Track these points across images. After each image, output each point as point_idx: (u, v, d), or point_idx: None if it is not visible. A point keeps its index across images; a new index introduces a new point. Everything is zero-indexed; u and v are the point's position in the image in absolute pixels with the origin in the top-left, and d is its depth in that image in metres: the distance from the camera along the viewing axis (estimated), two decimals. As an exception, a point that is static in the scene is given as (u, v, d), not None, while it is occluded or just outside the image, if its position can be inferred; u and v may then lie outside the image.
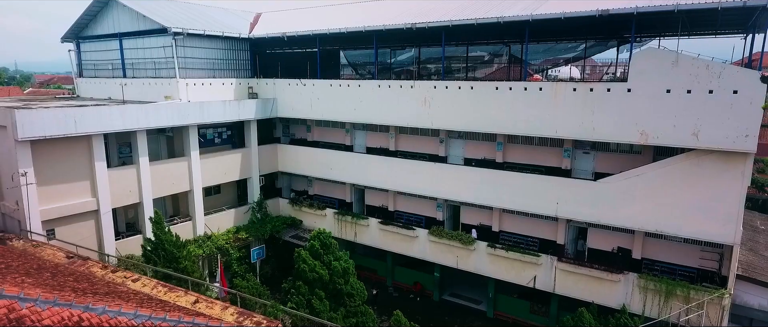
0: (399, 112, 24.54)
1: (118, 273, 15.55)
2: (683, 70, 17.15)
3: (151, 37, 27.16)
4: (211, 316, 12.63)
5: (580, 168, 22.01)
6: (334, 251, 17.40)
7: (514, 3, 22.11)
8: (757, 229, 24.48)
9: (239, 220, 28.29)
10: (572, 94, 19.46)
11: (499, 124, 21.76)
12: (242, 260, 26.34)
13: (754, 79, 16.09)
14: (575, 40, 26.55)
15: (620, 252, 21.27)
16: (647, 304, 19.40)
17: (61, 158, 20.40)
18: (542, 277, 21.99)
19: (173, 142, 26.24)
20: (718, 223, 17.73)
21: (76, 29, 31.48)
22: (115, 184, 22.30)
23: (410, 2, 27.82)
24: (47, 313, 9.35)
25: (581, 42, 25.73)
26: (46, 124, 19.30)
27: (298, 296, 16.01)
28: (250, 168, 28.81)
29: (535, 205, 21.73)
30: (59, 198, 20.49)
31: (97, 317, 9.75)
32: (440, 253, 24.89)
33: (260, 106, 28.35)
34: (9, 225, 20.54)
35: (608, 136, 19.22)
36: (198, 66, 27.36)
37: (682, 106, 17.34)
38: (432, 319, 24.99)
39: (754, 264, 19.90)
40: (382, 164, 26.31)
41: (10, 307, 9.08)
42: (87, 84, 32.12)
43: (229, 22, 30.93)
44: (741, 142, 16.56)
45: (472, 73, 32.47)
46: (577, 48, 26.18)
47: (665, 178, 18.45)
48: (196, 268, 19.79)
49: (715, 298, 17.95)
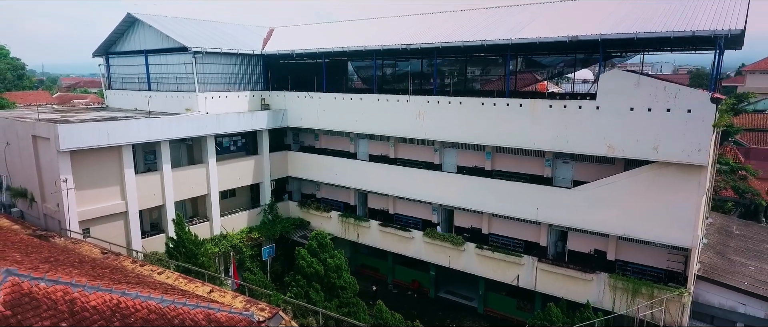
0: (396, 123, 26.83)
1: (145, 267, 18.16)
2: (644, 90, 19.08)
3: (174, 55, 29.93)
4: (223, 303, 15.08)
5: (560, 176, 23.97)
6: (329, 250, 19.80)
7: (503, 25, 24.24)
8: (731, 234, 26.11)
9: (252, 221, 30.89)
10: (548, 110, 21.51)
11: (484, 136, 23.90)
12: (254, 258, 28.89)
13: (705, 100, 17.95)
14: (566, 54, 28.51)
15: (596, 254, 23.18)
16: (617, 301, 21.32)
17: (95, 166, 23.19)
18: (525, 276, 24.03)
19: (193, 150, 28.95)
20: (677, 229, 19.59)
21: (106, 45, 34.51)
22: (142, 189, 25.04)
23: (415, 19, 30.14)
24: (93, 296, 11.85)
25: (566, 57, 27.67)
26: (83, 137, 22.11)
27: (297, 288, 18.47)
28: (263, 173, 31.40)
29: (517, 210, 23.80)
30: (94, 201, 23.29)
31: (132, 300, 12.23)
32: (434, 253, 27.08)
33: (271, 117, 30.92)
34: (50, 224, 23.40)
35: (580, 148, 21.22)
36: (215, 80, 30.05)
37: (643, 123, 19.27)
38: (427, 315, 27.18)
39: (717, 266, 21.66)
40: (381, 171, 28.62)
41: (65, 291, 11.61)
42: (115, 95, 35.13)
43: (244, 38, 33.59)
44: (695, 156, 18.43)
45: (473, 85, 34.66)
46: (561, 63, 28.13)
47: (631, 187, 20.37)
48: (212, 264, 22.37)
49: (675, 296, 19.82)
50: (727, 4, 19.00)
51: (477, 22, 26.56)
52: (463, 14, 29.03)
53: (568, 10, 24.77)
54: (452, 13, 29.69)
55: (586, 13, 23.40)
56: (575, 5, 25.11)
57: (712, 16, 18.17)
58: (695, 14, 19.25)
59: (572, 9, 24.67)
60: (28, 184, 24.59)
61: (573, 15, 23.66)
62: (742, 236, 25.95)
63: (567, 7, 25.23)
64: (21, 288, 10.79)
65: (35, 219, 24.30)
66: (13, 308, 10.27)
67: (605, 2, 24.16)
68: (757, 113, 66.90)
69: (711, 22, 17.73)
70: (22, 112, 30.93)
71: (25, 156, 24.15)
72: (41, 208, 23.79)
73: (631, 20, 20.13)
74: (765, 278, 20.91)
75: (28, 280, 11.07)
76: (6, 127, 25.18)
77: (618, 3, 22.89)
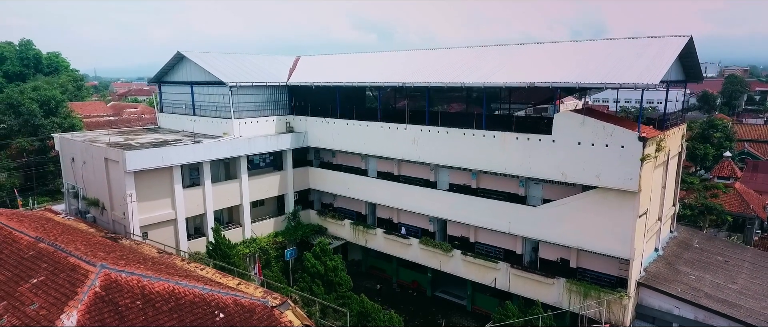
0: (396, 147, 31.67)
1: (191, 264, 23.68)
2: (588, 129, 23.20)
3: (214, 87, 35.78)
4: (247, 292, 20.31)
5: (532, 195, 28.17)
6: (329, 254, 24.83)
7: (486, 65, 28.74)
8: (689, 247, 29.53)
9: (278, 227, 36.37)
10: (515, 141, 25.86)
11: (466, 161, 28.40)
12: (279, 258, 34.28)
13: (633, 138, 21.94)
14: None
15: (562, 261, 27.24)
16: (572, 301, 25.40)
17: (152, 182, 29.09)
18: (501, 279, 28.35)
19: (229, 167, 34.65)
20: (619, 243, 23.58)
21: (159, 75, 40.91)
22: (188, 200, 30.82)
23: (418, 54, 34.95)
24: (156, 284, 17.25)
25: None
26: (144, 160, 28.03)
27: (303, 283, 23.59)
28: (287, 186, 36.85)
29: (494, 223, 28.16)
30: (150, 210, 29.20)
31: (182, 288, 17.58)
32: (428, 258, 31.73)
33: (294, 139, 36.36)
34: (117, 228, 29.46)
35: (540, 174, 25.46)
36: (248, 108, 35.70)
37: (588, 155, 23.37)
38: (422, 311, 31.86)
39: (660, 274, 25.38)
40: (385, 187, 33.50)
41: (138, 280, 17.05)
42: (166, 118, 41.45)
43: (272, 69, 39.18)
44: (628, 183, 22.42)
45: (462, 110, 39.09)
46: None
47: (582, 207, 24.47)
48: (241, 263, 27.83)
49: (616, 298, 23.79)
50: (652, 61, 22.84)
51: (466, 61, 31.01)
52: (456, 52, 33.60)
53: (538, 53, 29.05)
54: (446, 51, 34.41)
55: (551, 57, 27.58)
56: (545, 49, 29.40)
57: (639, 71, 22.09)
58: (630, 64, 23.24)
59: (541, 52, 28.96)
60: (100, 195, 30.79)
61: (540, 58, 27.96)
62: (700, 249, 29.33)
63: (538, 50, 29.53)
64: (110, 277, 16.36)
65: (105, 223, 30.45)
66: (106, 290, 15.80)
67: (570, 47, 28.36)
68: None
69: (637, 75, 21.68)
70: (94, 133, 37.54)
71: (98, 173, 30.36)
72: (110, 215, 29.92)
73: (579, 70, 24.26)
74: (701, 286, 24.51)
75: (114, 271, 16.66)
76: (84, 149, 31.53)
77: (577, 51, 27.14)
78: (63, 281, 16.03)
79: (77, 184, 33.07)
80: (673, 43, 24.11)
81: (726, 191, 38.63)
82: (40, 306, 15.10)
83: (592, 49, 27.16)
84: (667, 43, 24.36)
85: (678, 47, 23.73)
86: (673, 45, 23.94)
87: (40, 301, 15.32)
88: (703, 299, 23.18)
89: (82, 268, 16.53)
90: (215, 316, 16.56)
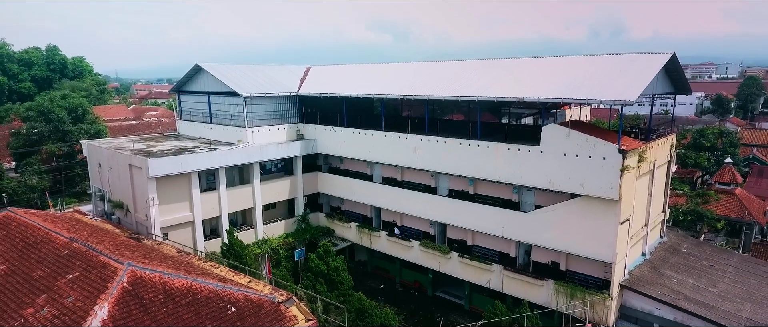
0: (398, 155, 33.63)
1: (207, 263, 25.97)
2: (573, 141, 24.87)
3: (229, 97, 38.16)
4: (257, 289, 22.47)
5: (525, 201, 29.84)
6: (331, 255, 26.92)
7: (483, 78, 30.58)
8: (677, 252, 30.89)
9: (288, 229, 38.60)
10: (507, 151, 27.62)
11: (463, 168, 30.23)
12: (288, 259, 36.49)
13: (614, 150, 23.56)
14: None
15: (553, 264, 28.90)
16: (560, 302, 27.05)
17: (172, 187, 31.52)
18: (495, 280, 30.10)
19: (243, 172, 36.98)
20: (602, 247, 25.18)
21: (179, 85, 43.54)
22: (204, 203, 33.20)
23: (421, 66, 36.90)
24: (176, 280, 19.48)
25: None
26: (164, 167, 30.47)
27: (308, 281, 25.71)
28: (297, 190, 39.06)
29: (488, 227, 29.93)
30: (170, 213, 31.64)
31: (199, 284, 19.78)
32: (428, 260, 33.62)
33: (303, 146, 38.56)
34: (140, 229, 31.96)
35: (530, 182, 27.18)
36: (260, 117, 38.00)
37: (573, 165, 25.03)
38: (422, 310, 33.75)
39: (644, 278, 26.88)
40: (388, 192, 35.47)
41: (160, 277, 19.31)
42: (185, 125, 44.05)
43: (284, 79, 41.44)
44: (609, 192, 24.03)
45: (462, 119, 40.83)
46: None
47: (568, 213, 26.12)
48: (253, 262, 30.08)
49: (600, 300, 25.40)
50: (633, 79, 24.38)
51: (467, 73, 32.84)
52: (456, 65, 35.42)
53: (535, 67, 30.73)
54: (447, 63, 36.25)
55: (544, 72, 29.26)
56: (541, 63, 31.09)
57: (619, 88, 23.69)
58: (612, 81, 24.85)
59: (537, 67, 30.64)
60: (124, 198, 33.36)
61: (535, 72, 29.65)
62: (688, 254, 30.68)
63: (535, 64, 31.23)
64: (136, 274, 18.63)
65: (129, 225, 33.00)
66: (132, 285, 18.03)
67: (563, 62, 30.05)
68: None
69: (616, 92, 23.29)
70: (118, 140, 40.26)
71: (123, 178, 32.93)
72: (134, 217, 32.47)
73: (565, 85, 25.92)
74: (681, 289, 25.97)
75: (139, 269, 18.93)
76: (110, 156, 34.16)
77: (569, 66, 28.79)
78: (95, 277, 18.32)
79: (103, 188, 35.76)
80: (655, 61, 25.61)
81: (717, 198, 39.63)
82: (75, 298, 17.41)
83: (582, 64, 28.72)
84: (650, 61, 25.86)
85: (659, 65, 25.23)
86: (654, 62, 25.44)
87: (76, 295, 17.63)
88: (681, 301, 24.65)
89: (111, 265, 18.82)
90: (227, 309, 18.73)
